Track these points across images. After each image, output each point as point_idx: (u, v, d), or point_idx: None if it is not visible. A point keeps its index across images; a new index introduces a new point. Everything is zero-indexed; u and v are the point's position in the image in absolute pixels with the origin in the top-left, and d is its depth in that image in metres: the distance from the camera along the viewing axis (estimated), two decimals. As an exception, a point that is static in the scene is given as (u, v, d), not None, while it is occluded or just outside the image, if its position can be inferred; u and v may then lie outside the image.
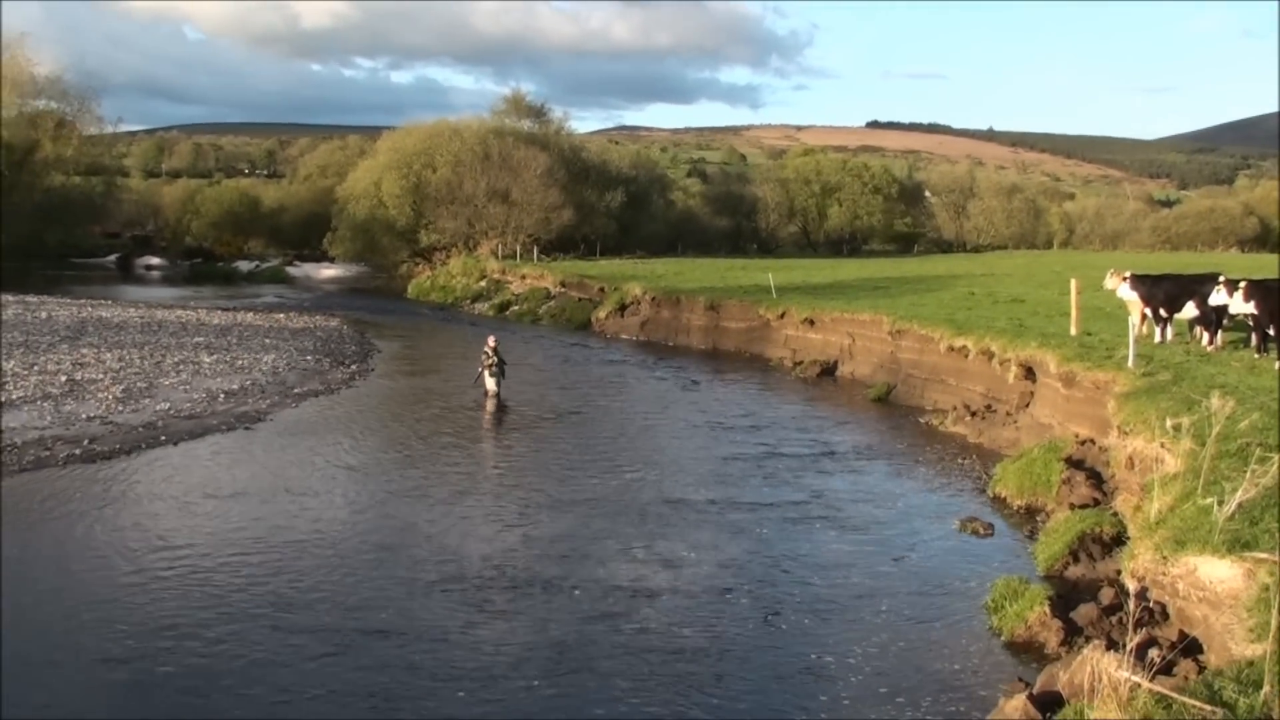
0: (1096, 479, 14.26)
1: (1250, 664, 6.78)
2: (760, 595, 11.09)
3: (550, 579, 11.46)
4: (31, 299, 41.94)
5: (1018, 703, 7.85)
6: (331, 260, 69.85)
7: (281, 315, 41.32)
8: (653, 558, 12.26)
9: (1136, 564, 9.36)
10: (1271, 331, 16.97)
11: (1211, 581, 8.24)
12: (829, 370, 28.16)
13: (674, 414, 22.17)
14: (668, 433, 20.19)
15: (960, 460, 17.97)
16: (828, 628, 10.23)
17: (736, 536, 13.21)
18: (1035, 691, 8.04)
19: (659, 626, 10.18)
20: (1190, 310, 18.80)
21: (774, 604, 10.83)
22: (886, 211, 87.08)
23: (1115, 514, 12.44)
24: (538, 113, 73.20)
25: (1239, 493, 8.80)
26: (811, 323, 30.41)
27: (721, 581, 11.50)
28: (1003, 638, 9.96)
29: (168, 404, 20.82)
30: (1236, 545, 8.23)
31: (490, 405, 22.48)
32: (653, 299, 38.11)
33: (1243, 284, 17.24)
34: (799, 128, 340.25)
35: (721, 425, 20.73)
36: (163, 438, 18.09)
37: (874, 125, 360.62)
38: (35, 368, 24.00)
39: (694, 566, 11.97)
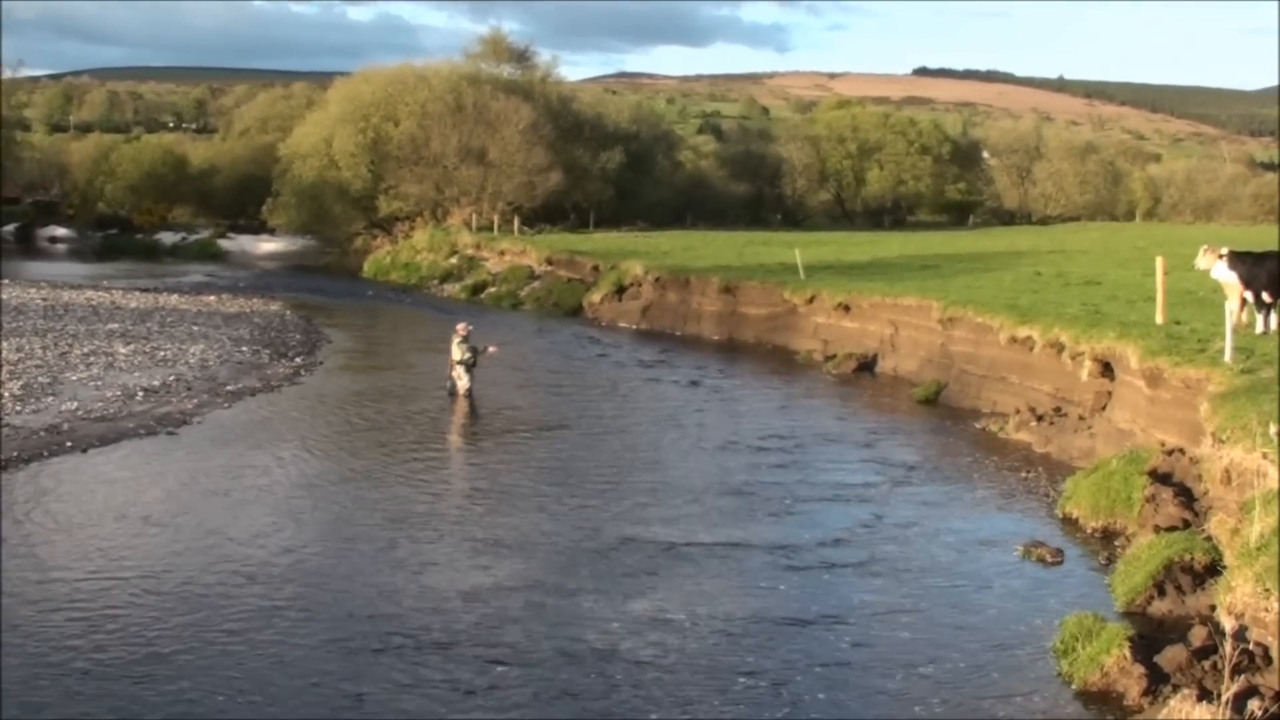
0: (1186, 496, 14.22)
1: (1371, 720, 6.75)
2: (771, 664, 10.50)
3: (499, 643, 10.79)
4: (-88, 277, 41.99)
5: (1091, 765, 7.82)
6: (272, 232, 69.79)
7: (212, 298, 41.41)
8: (637, 617, 11.57)
9: (1234, 598, 9.33)
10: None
11: (1325, 620, 8.20)
12: (867, 365, 28.15)
13: (679, 422, 22.13)
14: (670, 447, 20.09)
15: (1024, 473, 17.94)
16: (857, 695, 9.91)
17: (747, 586, 12.72)
18: (1112, 752, 8.01)
19: (638, 709, 9.53)
20: (1300, 295, 18.73)
21: (789, 672, 10.32)
22: (936, 176, 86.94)
23: (1209, 538, 12.40)
24: (520, 56, 73.14)
25: (1358, 514, 8.76)
26: (846, 309, 30.38)
27: (723, 647, 10.89)
28: (1074, 686, 9.92)
29: (75, 403, 20.83)
30: (1355, 577, 8.19)
31: (459, 407, 22.48)
32: (657, 280, 38.13)
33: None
34: (833, 75, 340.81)
35: (736, 436, 20.70)
36: (69, 443, 18.07)
37: (922, 73, 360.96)
38: (-84, 360, 24.00)
39: (689, 628, 11.34)
